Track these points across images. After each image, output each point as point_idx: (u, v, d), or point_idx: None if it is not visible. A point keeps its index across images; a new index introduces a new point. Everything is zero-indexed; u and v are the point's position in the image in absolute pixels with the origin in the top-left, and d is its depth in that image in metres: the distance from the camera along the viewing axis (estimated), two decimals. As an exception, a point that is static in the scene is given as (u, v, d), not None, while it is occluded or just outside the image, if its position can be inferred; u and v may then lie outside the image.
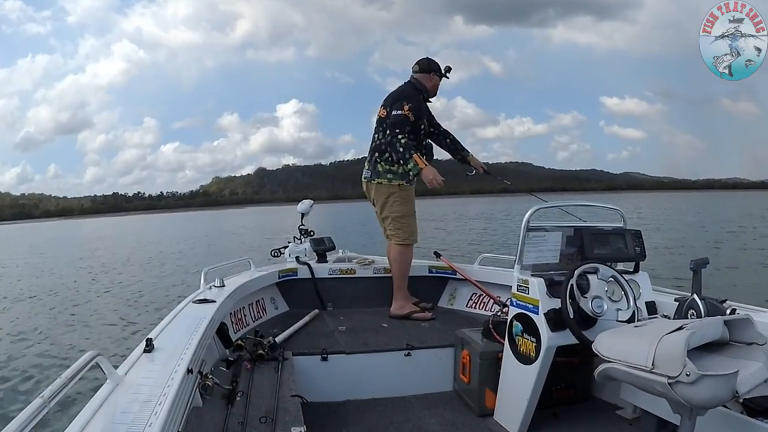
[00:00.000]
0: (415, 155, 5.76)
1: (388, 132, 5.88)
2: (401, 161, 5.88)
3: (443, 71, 6.25)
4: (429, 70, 6.19)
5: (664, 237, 26.21)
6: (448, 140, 6.42)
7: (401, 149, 5.79)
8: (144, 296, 17.58)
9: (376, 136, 6.09)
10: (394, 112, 5.87)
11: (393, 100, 5.97)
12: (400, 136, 5.81)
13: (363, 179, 6.22)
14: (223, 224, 78.35)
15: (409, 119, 5.89)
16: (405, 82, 6.23)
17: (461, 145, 6.46)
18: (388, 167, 6.00)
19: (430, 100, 6.25)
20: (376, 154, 6.05)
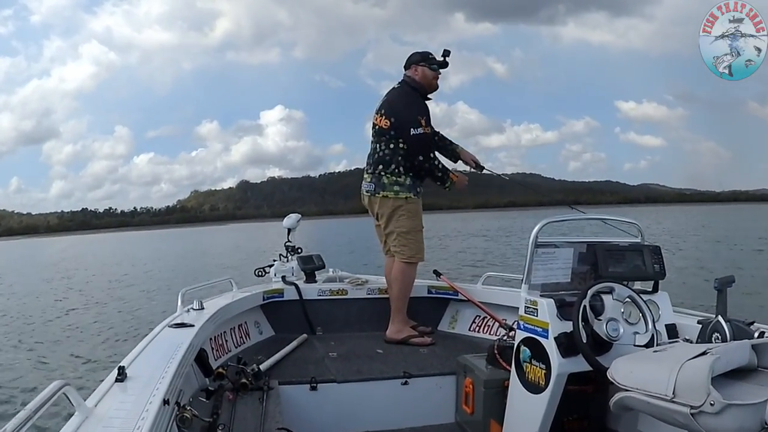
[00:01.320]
0: (452, 176, 6.02)
1: (420, 156, 5.97)
2: (440, 182, 6.06)
3: (441, 57, 6.26)
4: (409, 64, 6.24)
5: (686, 254, 26.21)
6: (435, 137, 6.44)
7: (440, 174, 6.01)
8: (116, 321, 17.55)
9: (378, 146, 6.10)
10: (413, 132, 5.91)
11: (399, 112, 6.00)
12: (436, 162, 6.03)
13: (365, 193, 6.23)
14: (203, 242, 78.34)
15: (429, 135, 6.01)
16: (398, 83, 6.26)
17: (448, 139, 6.51)
18: (394, 179, 6.02)
19: (429, 96, 6.26)
20: (381, 167, 6.06)
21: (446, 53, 6.27)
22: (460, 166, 6.49)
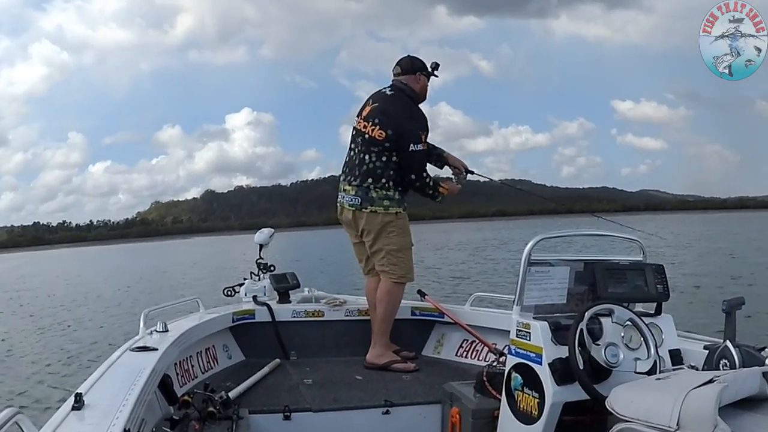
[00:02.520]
0: (441, 189, 6.15)
1: (413, 175, 6.04)
2: (431, 199, 6.19)
3: (430, 69, 6.30)
4: (414, 70, 6.23)
5: (689, 271, 26.22)
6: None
7: (431, 191, 6.11)
8: (73, 343, 17.42)
9: (367, 157, 6.06)
10: (412, 148, 5.94)
11: (401, 126, 5.99)
12: (428, 180, 6.10)
13: (348, 206, 6.19)
14: (165, 257, 77.88)
15: (426, 153, 6.08)
16: (389, 87, 6.26)
17: (433, 144, 6.46)
18: (384, 193, 6.01)
19: (420, 106, 6.26)
20: (370, 180, 6.03)
21: (436, 66, 6.33)
22: (447, 171, 6.48)
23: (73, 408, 2.97)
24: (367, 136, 6.06)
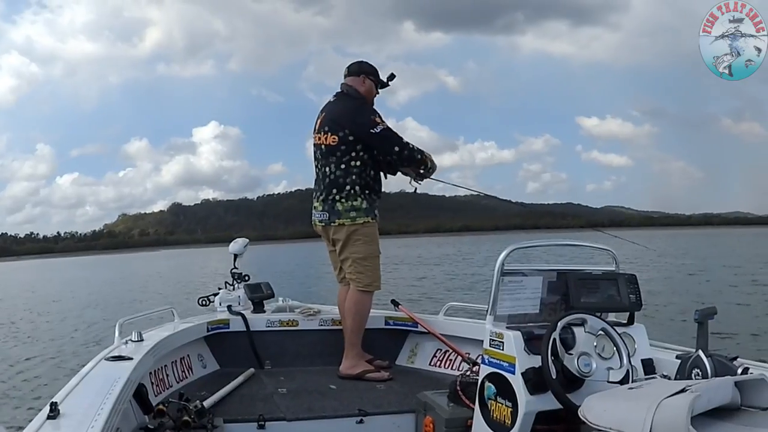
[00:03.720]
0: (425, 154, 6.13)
1: (395, 148, 5.98)
2: (423, 165, 6.16)
3: (385, 79, 6.35)
4: (359, 72, 6.25)
5: (658, 283, 26.34)
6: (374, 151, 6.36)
7: (419, 156, 6.09)
8: (48, 353, 17.34)
9: (327, 168, 6.06)
10: (374, 131, 5.92)
11: (351, 121, 5.99)
12: (412, 146, 6.04)
13: (318, 223, 6.22)
14: (134, 269, 77.67)
15: (390, 129, 6.02)
16: (335, 95, 6.32)
17: None
18: (350, 204, 5.99)
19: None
20: (334, 191, 6.01)
21: (391, 77, 6.36)
22: (399, 178, 6.43)
23: (49, 417, 2.94)
24: (323, 146, 6.08)
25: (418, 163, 6.11)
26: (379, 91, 6.34)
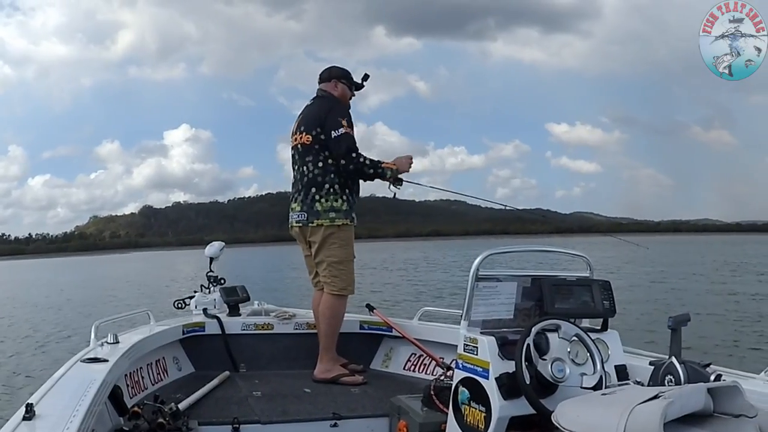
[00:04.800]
0: (383, 163, 6.02)
1: (342, 160, 5.92)
2: (379, 178, 6.06)
3: (360, 80, 6.38)
4: (330, 78, 6.28)
5: (630, 289, 26.41)
6: None
7: (371, 170, 6.00)
8: (23, 354, 17.25)
9: (305, 168, 6.06)
10: (334, 134, 5.90)
11: (321, 120, 5.99)
12: (361, 159, 5.95)
13: (295, 224, 6.20)
14: (106, 271, 77.30)
15: (351, 135, 5.98)
16: (312, 99, 6.33)
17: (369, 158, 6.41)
18: (330, 204, 5.98)
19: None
20: (313, 189, 6.01)
21: (365, 77, 6.39)
22: (378, 184, 6.42)
23: (24, 418, 2.92)
24: (299, 146, 6.09)
25: (369, 178, 6.09)
26: (355, 93, 6.37)
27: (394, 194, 6.33)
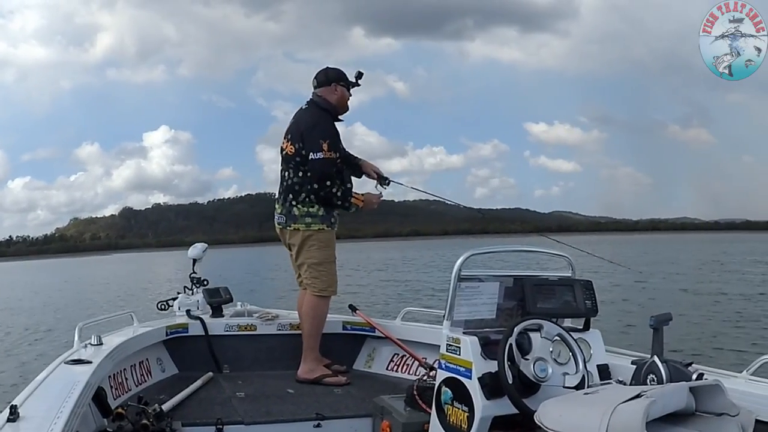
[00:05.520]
0: (352, 198, 6.02)
1: (315, 184, 5.90)
2: (344, 210, 6.08)
3: (353, 79, 6.31)
4: (329, 81, 6.19)
5: (611, 289, 26.43)
6: (338, 161, 6.26)
7: (339, 202, 5.99)
8: (7, 356, 17.15)
9: (286, 174, 6.07)
10: (312, 157, 5.87)
11: (303, 135, 5.96)
12: (334, 189, 5.95)
13: (276, 224, 6.20)
14: (88, 273, 76.95)
15: (332, 160, 5.94)
16: (306, 103, 6.25)
17: (353, 155, 6.50)
18: (306, 210, 5.98)
19: (341, 118, 6.26)
20: (290, 196, 6.01)
21: (359, 75, 6.32)
22: (365, 181, 6.50)
23: (9, 420, 2.92)
24: (285, 153, 6.09)
25: (334, 207, 6.09)
26: (351, 93, 6.31)
27: (380, 194, 6.41)
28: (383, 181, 6.43)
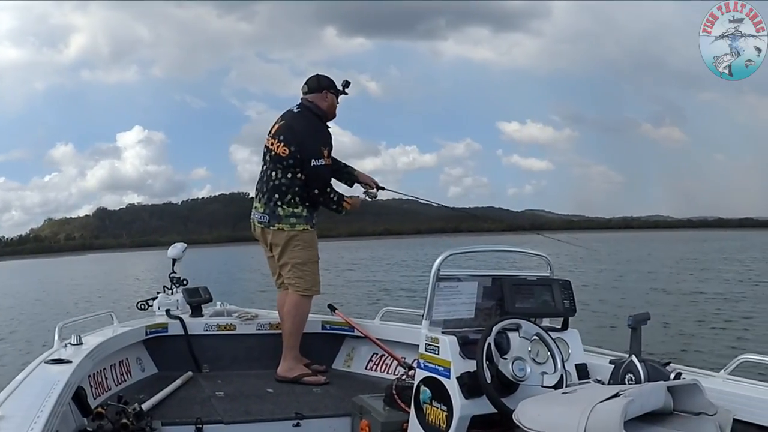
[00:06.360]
0: (345, 203, 6.12)
1: (316, 190, 5.97)
2: (335, 212, 6.17)
3: (341, 87, 6.30)
4: (320, 89, 6.19)
5: (588, 288, 26.48)
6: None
7: (335, 206, 6.08)
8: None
9: (273, 174, 6.03)
10: (314, 163, 5.90)
11: (302, 140, 5.96)
12: (332, 195, 6.06)
13: (258, 224, 6.16)
14: (64, 273, 76.70)
15: (329, 168, 6.03)
16: (297, 106, 6.22)
17: (342, 162, 6.50)
18: (291, 210, 5.97)
19: (329, 124, 6.25)
20: (276, 196, 5.99)
21: (347, 84, 6.33)
22: (357, 189, 6.54)
23: None
24: (273, 153, 6.05)
25: (329, 209, 6.19)
26: (339, 101, 6.32)
27: (371, 198, 6.55)
28: (377, 190, 6.54)
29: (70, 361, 4.25)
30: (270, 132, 6.19)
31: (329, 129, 6.20)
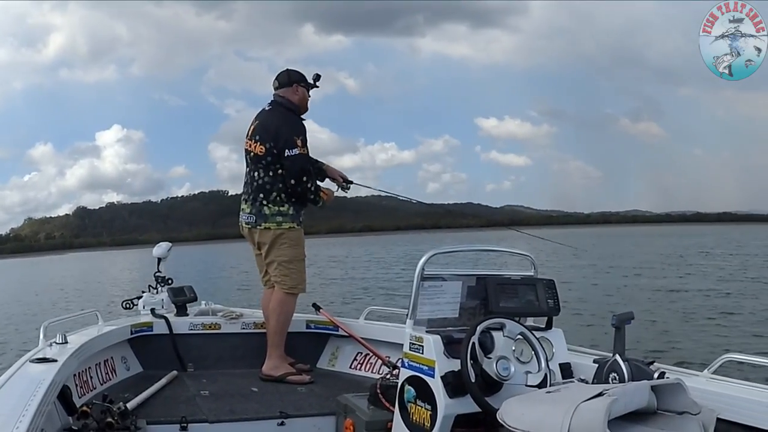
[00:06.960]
0: (321, 194, 6.13)
1: (292, 180, 5.94)
2: (312, 204, 6.15)
3: (311, 81, 6.33)
4: (291, 83, 6.22)
5: (572, 287, 26.50)
6: None
7: (311, 196, 6.05)
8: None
9: (256, 174, 6.05)
10: (288, 153, 5.90)
11: (275, 134, 5.97)
12: (309, 185, 6.01)
13: (245, 225, 6.17)
14: (45, 273, 76.46)
15: (307, 156, 6.02)
16: (269, 104, 6.27)
17: (313, 158, 6.46)
18: (277, 209, 5.98)
19: (303, 117, 6.27)
20: (261, 195, 6.00)
21: (317, 77, 6.37)
22: (327, 183, 6.54)
23: None
24: (252, 153, 6.08)
25: (307, 201, 6.16)
26: (311, 94, 6.32)
27: (347, 189, 6.64)
28: (347, 184, 6.56)
29: (56, 360, 4.23)
30: (247, 134, 6.22)
31: (303, 121, 6.21)
